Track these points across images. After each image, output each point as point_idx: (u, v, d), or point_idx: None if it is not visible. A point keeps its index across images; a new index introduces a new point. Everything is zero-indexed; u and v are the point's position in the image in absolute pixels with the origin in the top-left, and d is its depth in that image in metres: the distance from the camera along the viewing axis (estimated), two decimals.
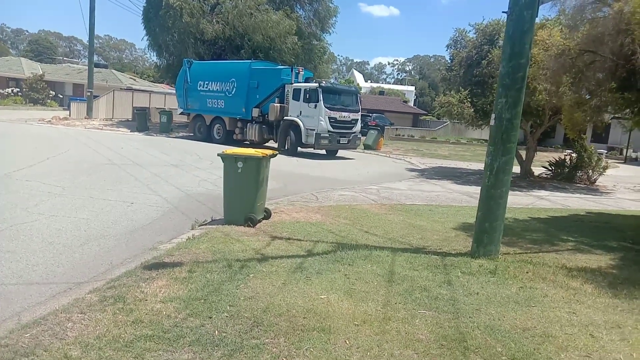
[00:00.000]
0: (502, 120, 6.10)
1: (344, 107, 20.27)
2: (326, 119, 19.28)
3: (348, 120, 20.28)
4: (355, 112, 20.98)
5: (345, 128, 20.17)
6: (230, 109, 22.95)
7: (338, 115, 19.72)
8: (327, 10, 33.72)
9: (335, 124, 19.62)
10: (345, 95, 20.81)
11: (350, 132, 20.52)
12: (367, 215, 9.00)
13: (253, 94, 21.96)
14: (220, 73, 23.74)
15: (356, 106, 21.14)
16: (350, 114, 20.42)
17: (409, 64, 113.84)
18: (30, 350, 3.42)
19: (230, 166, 7.36)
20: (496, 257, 6.32)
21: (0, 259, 5.47)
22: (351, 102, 20.94)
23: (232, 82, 22.86)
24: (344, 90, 21.54)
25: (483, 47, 18.04)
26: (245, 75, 22.33)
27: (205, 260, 5.56)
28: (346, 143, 20.45)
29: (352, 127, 20.62)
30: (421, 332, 4.10)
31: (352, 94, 21.55)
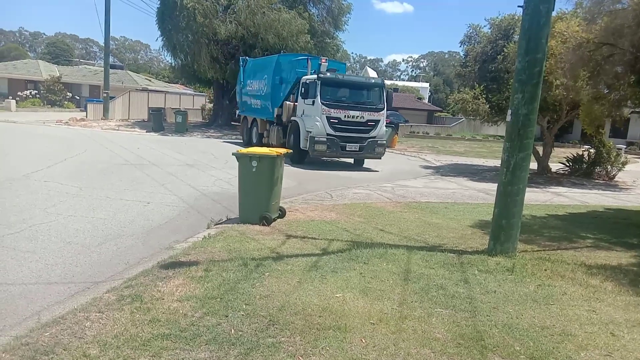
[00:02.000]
0: (519, 116, 6.03)
1: (356, 104, 15.90)
2: (323, 119, 15.35)
3: (360, 122, 15.82)
4: (375, 110, 16.13)
5: (354, 131, 15.74)
6: (262, 109, 20.09)
7: (343, 114, 15.55)
8: (340, 7, 33.63)
9: (338, 125, 15.46)
10: (357, 89, 16.43)
11: (364, 136, 15.88)
12: (382, 213, 8.97)
13: (277, 91, 18.78)
14: (259, 70, 21.02)
15: (377, 103, 16.31)
16: (363, 113, 15.84)
17: (423, 61, 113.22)
18: (50, 349, 3.46)
19: (245, 165, 7.38)
20: (513, 254, 6.25)
21: (20, 259, 5.56)
22: (368, 97, 16.39)
23: (265, 79, 19.86)
24: (356, 82, 16.96)
25: (498, 42, 17.86)
26: (271, 70, 19.25)
27: (221, 259, 5.58)
28: (357, 151, 15.94)
29: (366, 130, 15.92)
30: (438, 331, 4.07)
31: (370, 87, 16.62)
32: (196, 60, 27.86)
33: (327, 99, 15.54)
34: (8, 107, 35.81)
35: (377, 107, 16.22)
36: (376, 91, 16.51)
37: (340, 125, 15.54)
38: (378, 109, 16.21)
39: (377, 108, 16.21)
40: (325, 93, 15.59)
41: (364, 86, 16.69)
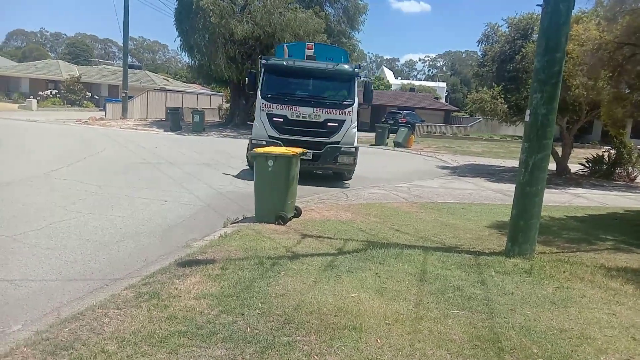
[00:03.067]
0: (538, 116, 5.96)
1: (311, 98, 11.95)
2: (263, 117, 11.78)
3: (315, 122, 11.72)
4: (337, 107, 11.86)
5: (307, 134, 11.65)
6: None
7: (290, 111, 11.71)
8: (356, 7, 33.63)
9: (284, 126, 11.71)
10: (316, 79, 12.34)
11: (321, 141, 11.65)
12: (398, 213, 8.93)
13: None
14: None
15: (343, 97, 12.09)
16: (320, 110, 11.70)
17: (440, 60, 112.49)
18: (69, 344, 3.52)
19: (261, 165, 7.42)
20: (531, 256, 6.18)
21: (41, 255, 5.66)
22: (331, 89, 12.39)
23: None
24: (314, 69, 12.19)
25: (516, 41, 17.68)
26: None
27: (237, 258, 5.62)
28: (310, 160, 11.41)
29: (324, 133, 11.78)
30: (454, 332, 4.04)
31: (334, 76, 12.27)
32: (213, 60, 28.03)
33: (271, 92, 11.94)
34: (29, 106, 36.43)
35: (343, 102, 11.90)
36: (344, 82, 12.16)
37: (286, 126, 11.70)
38: (344, 106, 11.85)
39: (343, 104, 11.87)
40: (270, 84, 12.04)
41: (326, 75, 12.17)
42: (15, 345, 3.50)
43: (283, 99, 11.83)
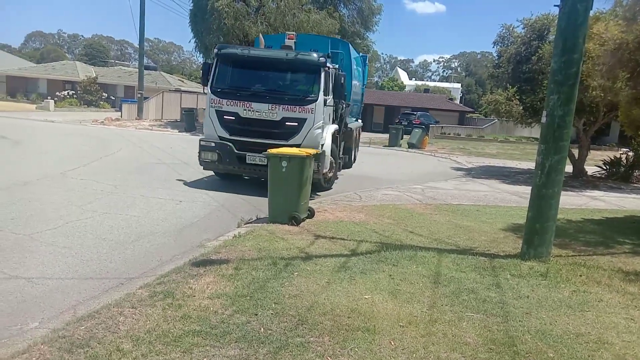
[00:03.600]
0: (554, 118, 5.89)
1: (267, 93, 10.20)
2: (212, 115, 10.29)
3: (270, 120, 10.01)
4: (298, 102, 10.05)
5: (261, 134, 10.03)
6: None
7: (242, 107, 10.05)
8: (370, 8, 33.58)
9: (235, 125, 10.16)
10: (274, 70, 10.65)
11: (278, 143, 9.46)
12: (412, 215, 8.89)
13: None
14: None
15: (305, 92, 10.25)
16: (276, 107, 9.99)
17: (454, 61, 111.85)
18: (85, 342, 3.56)
19: (274, 165, 7.43)
20: (547, 259, 6.11)
21: (57, 254, 5.73)
22: (292, 82, 10.66)
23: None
24: (272, 59, 10.40)
25: (532, 42, 17.50)
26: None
27: (251, 258, 5.63)
28: (265, 165, 8.24)
29: (282, 134, 10.03)
30: (469, 335, 4.01)
31: (296, 67, 10.45)
32: None
33: (222, 86, 10.36)
34: (47, 106, 36.95)
35: (305, 98, 10.02)
36: (308, 73, 10.32)
37: (238, 125, 10.11)
38: (305, 102, 9.96)
39: (304, 100, 10.00)
40: (222, 76, 10.44)
41: (286, 65, 10.33)
42: (33, 342, 3.54)
43: (235, 94, 10.14)
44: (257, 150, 9.75)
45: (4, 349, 3.48)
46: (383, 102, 45.91)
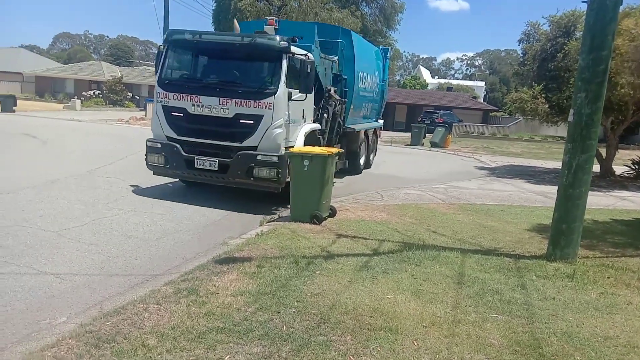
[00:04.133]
0: (582, 116, 5.77)
1: (220, 85, 8.59)
2: (159, 111, 8.79)
3: (222, 117, 8.34)
4: (255, 96, 8.28)
5: (212, 134, 8.49)
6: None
7: (191, 102, 8.47)
8: (393, 6, 33.48)
9: (184, 123, 8.61)
10: (229, 58, 9.00)
11: (231, 145, 8.42)
12: (435, 214, 8.81)
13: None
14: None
15: (263, 83, 8.58)
16: (228, 101, 8.28)
17: (478, 59, 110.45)
18: (111, 337, 3.62)
19: (297, 164, 7.45)
20: (574, 260, 6.00)
21: (84, 250, 5.84)
22: (248, 72, 8.95)
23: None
24: (227, 44, 8.68)
25: (558, 39, 17.16)
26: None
27: (273, 256, 5.66)
28: (216, 171, 8.44)
29: (236, 134, 8.41)
30: (493, 337, 3.96)
31: (253, 54, 8.67)
32: None
33: (170, 77, 8.96)
34: (74, 106, 37.69)
35: (262, 91, 8.26)
36: (268, 61, 8.64)
37: (187, 123, 8.54)
38: (262, 95, 8.20)
39: (261, 93, 8.24)
40: (171, 66, 9.08)
41: (242, 52, 8.64)
42: (61, 336, 3.62)
43: (183, 87, 8.67)
44: (208, 153, 8.45)
45: (34, 342, 3.57)
46: (405, 100, 45.60)
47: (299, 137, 8.94)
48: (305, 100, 9.04)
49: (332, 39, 11.36)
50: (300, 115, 9.08)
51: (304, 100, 8.99)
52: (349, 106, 11.97)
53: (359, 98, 12.77)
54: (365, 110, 14.05)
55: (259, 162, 8.16)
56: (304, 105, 9.07)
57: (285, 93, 8.27)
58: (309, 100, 9.31)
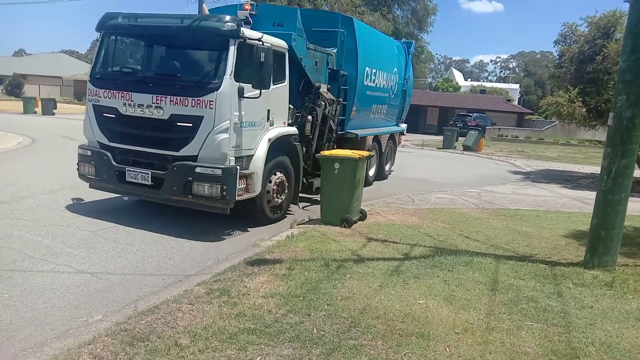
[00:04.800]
0: (622, 120, 5.60)
1: (154, 79, 7.21)
2: (91, 113, 7.40)
3: (155, 119, 6.76)
4: (195, 93, 6.57)
5: (144, 140, 6.95)
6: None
7: (122, 101, 6.98)
8: (425, 9, 33.23)
9: (117, 128, 7.20)
10: (170, 46, 7.77)
11: (166, 154, 6.83)
12: (467, 219, 8.68)
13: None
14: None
15: (209, 74, 6.84)
16: (162, 99, 6.67)
17: (512, 61, 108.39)
18: (145, 336, 3.70)
19: (327, 168, 7.46)
20: (613, 268, 5.81)
21: (120, 250, 5.98)
22: (190, 61, 7.67)
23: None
24: (162, 27, 7.02)
25: (596, 41, 16.67)
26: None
27: (304, 259, 5.67)
28: (149, 186, 6.90)
29: (172, 140, 6.80)
30: (528, 345, 3.86)
31: (197, 37, 7.04)
32: None
33: (103, 69, 7.53)
34: None
35: (204, 85, 6.64)
36: (212, 49, 7.08)
37: (119, 127, 7.14)
38: (203, 91, 6.57)
39: (202, 88, 6.60)
40: (105, 57, 7.58)
41: (182, 37, 7.22)
42: (97, 334, 3.72)
43: (115, 82, 7.21)
44: (141, 163, 6.95)
45: (72, 339, 3.67)
46: (437, 103, 45.10)
47: (259, 144, 7.18)
48: (273, 97, 7.40)
49: (329, 28, 9.90)
50: (263, 116, 7.27)
51: (274, 98, 7.45)
52: (350, 107, 10.33)
53: (366, 98, 11.11)
54: (376, 113, 12.19)
55: (199, 176, 6.52)
56: (269, 104, 7.35)
57: (234, 88, 6.55)
58: (278, 97, 7.66)
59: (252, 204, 7.24)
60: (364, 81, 10.70)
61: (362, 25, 11.10)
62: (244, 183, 6.85)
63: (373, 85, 11.40)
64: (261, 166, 7.13)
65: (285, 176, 7.87)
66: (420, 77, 44.63)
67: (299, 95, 8.65)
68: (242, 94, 6.65)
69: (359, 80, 10.37)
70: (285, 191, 7.93)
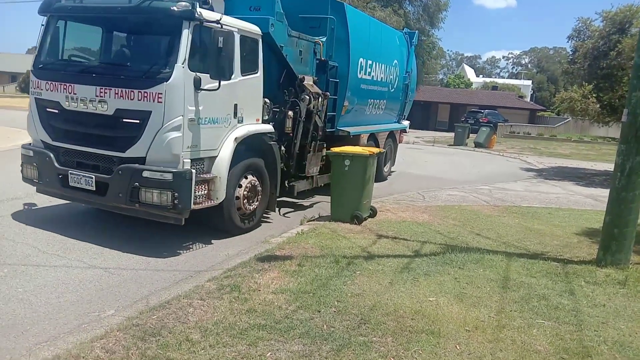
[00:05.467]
0: (637, 116, 5.53)
1: (97, 68, 6.44)
2: (34, 108, 6.56)
3: (98, 115, 5.89)
4: (142, 84, 5.65)
5: (88, 140, 6.08)
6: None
7: (65, 94, 6.09)
8: (437, 4, 32.99)
9: (59, 125, 6.34)
10: (118, 31, 6.85)
11: (110, 155, 5.93)
12: (478, 216, 8.63)
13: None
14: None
15: (159, 62, 5.81)
16: (105, 92, 5.79)
17: (525, 57, 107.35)
18: (157, 331, 3.73)
19: (337, 164, 7.45)
20: (626, 266, 5.75)
21: (133, 245, 6.02)
22: (137, 49, 6.68)
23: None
24: (108, 8, 6.05)
25: (611, 36, 16.46)
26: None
27: (314, 255, 5.68)
28: (93, 192, 6.01)
29: (118, 140, 5.90)
30: (539, 343, 3.84)
31: (146, 21, 6.01)
32: None
33: (47, 59, 6.69)
34: None
35: (152, 75, 5.73)
36: (162, 35, 6.14)
37: (62, 123, 6.35)
38: (151, 81, 5.67)
39: (150, 78, 5.71)
40: (50, 45, 6.71)
41: (130, 21, 6.34)
42: (110, 329, 3.75)
43: (58, 72, 6.38)
44: (85, 165, 6.11)
45: (85, 333, 3.72)
46: (448, 99, 44.87)
47: (224, 144, 6.34)
48: (241, 90, 6.59)
49: (317, 14, 8.95)
50: (228, 112, 6.42)
51: (243, 91, 6.63)
52: (341, 103, 9.37)
53: (360, 92, 10.12)
54: (373, 109, 11.18)
55: (146, 182, 5.64)
56: (237, 98, 6.52)
57: (188, 79, 5.69)
58: (249, 90, 6.83)
59: (217, 212, 6.42)
60: (357, 74, 9.76)
61: (356, 12, 10.22)
62: (204, 189, 6.04)
63: (369, 78, 10.41)
64: (225, 169, 6.26)
65: (258, 180, 6.99)
66: (431, 73, 44.35)
67: (279, 88, 7.87)
68: (199, 85, 5.76)
69: (351, 72, 9.41)
70: (259, 197, 7.06)
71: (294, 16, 8.07)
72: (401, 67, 12.35)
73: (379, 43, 11.02)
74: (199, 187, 5.93)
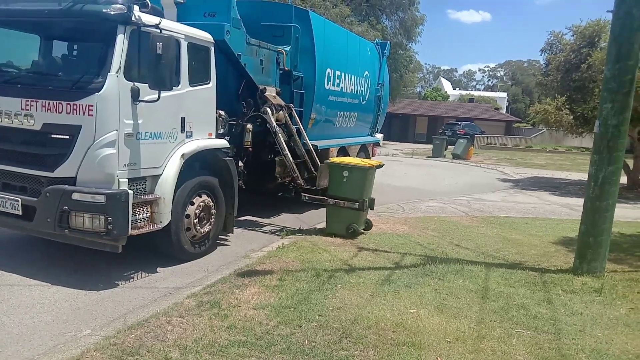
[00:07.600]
0: (608, 127, 5.68)
1: (23, 79, 5.69)
2: None
3: (27, 131, 5.23)
4: (72, 96, 5.03)
5: (16, 157, 5.38)
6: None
7: None
8: (413, 19, 33.45)
9: None
10: (49, 37, 6.08)
11: (37, 175, 5.25)
12: (457, 227, 8.71)
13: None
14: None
15: (91, 71, 5.17)
16: (31, 104, 5.16)
17: (500, 70, 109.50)
18: (135, 350, 3.66)
19: (335, 175, 7.44)
20: (601, 274, 5.86)
21: (110, 262, 5.90)
22: (67, 57, 6.04)
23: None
24: (37, 12, 5.30)
25: (582, 50, 16.94)
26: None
27: (295, 269, 5.66)
28: (19, 217, 5.31)
29: (46, 158, 5.23)
30: (519, 353, 3.88)
31: (75, 21, 5.25)
32: None
33: None
34: None
35: (82, 85, 5.10)
36: (95, 41, 5.64)
37: None
38: (81, 92, 5.04)
39: (80, 89, 5.08)
40: None
41: (59, 26, 5.57)
42: (86, 349, 3.67)
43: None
44: (11, 187, 5.45)
45: (60, 354, 3.62)
46: (426, 112, 45.46)
47: (169, 161, 5.73)
48: (190, 102, 6.02)
49: (281, 22, 8.56)
50: (174, 125, 5.84)
51: (192, 103, 6.06)
52: (308, 115, 8.91)
53: (328, 104, 9.64)
54: (343, 122, 10.61)
55: (76, 205, 5.00)
56: (184, 111, 5.95)
57: (124, 89, 5.13)
58: (199, 102, 6.26)
59: (164, 237, 5.80)
60: (324, 85, 9.26)
61: (322, 21, 9.75)
62: (146, 211, 5.49)
63: (337, 89, 9.88)
64: (171, 189, 5.65)
65: (212, 200, 6.39)
66: (409, 86, 44.81)
67: (238, 100, 7.53)
68: (137, 96, 5.19)
69: (317, 83, 8.95)
70: (212, 218, 6.44)
71: (255, 24, 7.81)
72: (373, 79, 11.84)
73: (348, 53, 10.56)
74: (140, 210, 5.39)
